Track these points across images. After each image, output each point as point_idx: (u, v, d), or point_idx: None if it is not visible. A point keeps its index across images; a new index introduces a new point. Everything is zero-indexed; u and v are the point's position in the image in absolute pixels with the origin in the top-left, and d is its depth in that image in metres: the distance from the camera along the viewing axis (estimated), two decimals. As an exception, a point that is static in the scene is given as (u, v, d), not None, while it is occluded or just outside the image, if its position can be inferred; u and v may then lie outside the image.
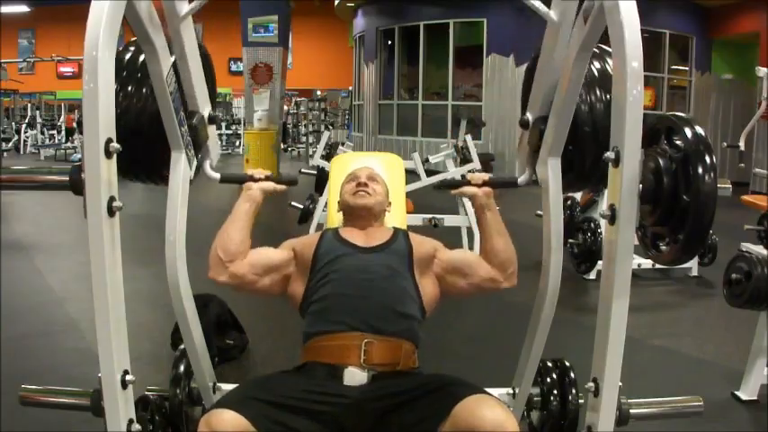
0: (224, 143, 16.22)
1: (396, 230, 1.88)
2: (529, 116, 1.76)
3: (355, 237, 1.82)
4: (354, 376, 1.54)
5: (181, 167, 1.69)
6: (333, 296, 1.67)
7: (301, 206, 4.63)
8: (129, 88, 1.63)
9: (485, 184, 1.80)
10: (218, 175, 1.83)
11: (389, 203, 1.97)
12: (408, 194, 3.25)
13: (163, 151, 1.67)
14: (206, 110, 1.73)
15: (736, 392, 2.62)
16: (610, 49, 1.30)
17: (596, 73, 1.69)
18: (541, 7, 1.55)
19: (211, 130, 1.78)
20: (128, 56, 1.66)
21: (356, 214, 1.87)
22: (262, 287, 1.76)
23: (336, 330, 1.62)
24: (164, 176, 1.71)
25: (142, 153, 1.64)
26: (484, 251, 1.79)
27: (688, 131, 1.32)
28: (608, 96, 1.65)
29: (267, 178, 1.81)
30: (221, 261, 1.70)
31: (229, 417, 1.33)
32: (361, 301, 1.65)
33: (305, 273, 1.76)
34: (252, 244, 1.77)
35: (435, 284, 1.79)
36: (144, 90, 1.64)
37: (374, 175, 1.95)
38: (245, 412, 1.35)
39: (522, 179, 1.85)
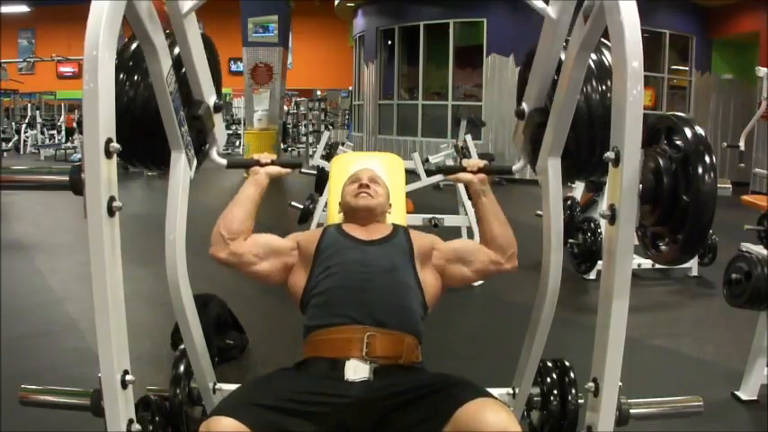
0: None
1: (395, 226, 1.90)
2: (525, 107, 1.79)
3: (357, 231, 1.84)
4: (356, 369, 1.54)
5: (181, 167, 1.69)
6: (334, 289, 1.68)
7: (301, 206, 4.64)
8: (136, 77, 1.64)
9: (480, 170, 1.84)
10: (224, 161, 1.87)
11: (390, 205, 1.99)
12: (408, 194, 3.25)
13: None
14: (211, 99, 1.76)
15: (736, 392, 2.62)
16: (604, 41, 1.31)
17: (592, 64, 1.70)
18: (540, 4, 1.56)
19: (217, 118, 1.81)
20: (133, 46, 1.66)
21: (358, 215, 1.89)
22: (260, 270, 1.77)
23: (338, 323, 1.62)
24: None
25: (147, 141, 1.66)
26: (483, 236, 1.83)
27: (688, 131, 1.32)
28: (602, 87, 1.66)
29: (273, 162, 1.85)
30: (223, 238, 1.73)
31: (228, 423, 1.33)
32: (363, 294, 1.65)
33: (307, 266, 1.77)
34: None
35: (437, 278, 1.80)
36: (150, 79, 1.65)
37: (376, 177, 1.97)
38: (245, 418, 1.34)
39: (516, 167, 1.89)
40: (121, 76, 1.61)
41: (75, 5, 8.60)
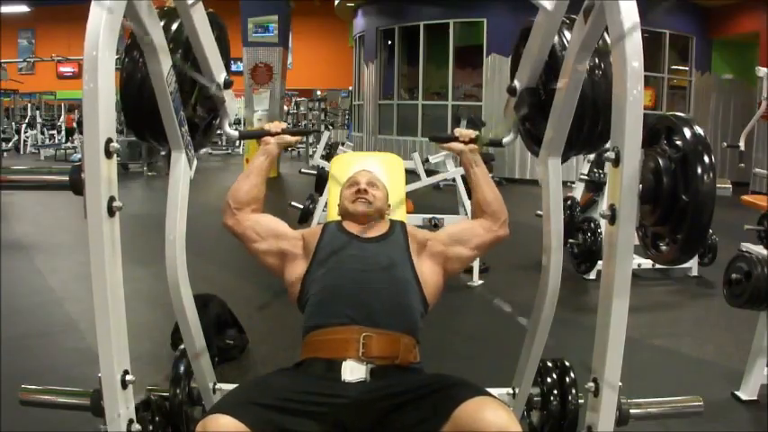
0: (224, 143, 16.22)
1: (392, 222, 1.91)
2: (517, 84, 1.83)
3: (356, 228, 1.85)
4: (353, 370, 1.54)
5: (181, 167, 1.69)
6: (332, 288, 1.68)
7: (301, 206, 4.64)
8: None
9: (471, 141, 1.90)
10: (236, 133, 1.93)
11: (389, 206, 1.98)
12: (408, 194, 3.25)
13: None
14: (221, 76, 1.80)
15: (736, 392, 2.63)
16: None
17: None
18: None
19: (228, 93, 1.86)
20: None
21: (356, 220, 1.89)
22: (258, 248, 1.82)
23: (335, 324, 1.62)
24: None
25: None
26: (476, 203, 1.87)
27: (687, 131, 1.32)
28: (589, 65, 1.65)
29: (283, 131, 1.91)
30: (230, 206, 1.83)
31: (226, 422, 1.33)
32: (360, 293, 1.65)
33: (306, 260, 1.78)
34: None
35: (437, 270, 1.80)
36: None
37: (374, 181, 1.95)
38: (243, 417, 1.34)
39: (506, 140, 1.97)
40: (135, 53, 1.61)
41: (75, 5, 8.59)
